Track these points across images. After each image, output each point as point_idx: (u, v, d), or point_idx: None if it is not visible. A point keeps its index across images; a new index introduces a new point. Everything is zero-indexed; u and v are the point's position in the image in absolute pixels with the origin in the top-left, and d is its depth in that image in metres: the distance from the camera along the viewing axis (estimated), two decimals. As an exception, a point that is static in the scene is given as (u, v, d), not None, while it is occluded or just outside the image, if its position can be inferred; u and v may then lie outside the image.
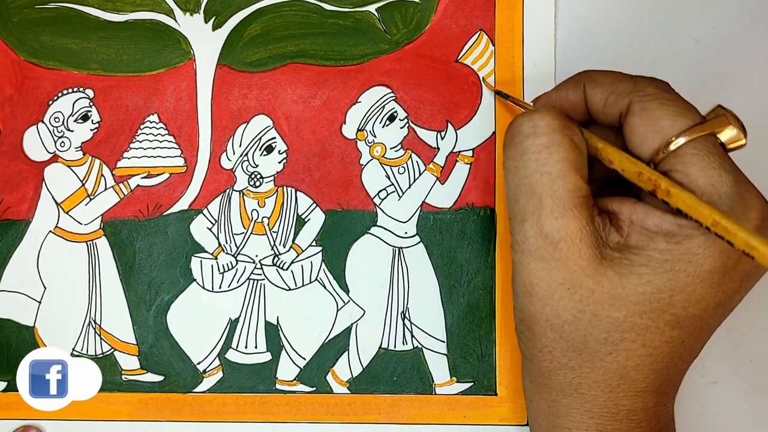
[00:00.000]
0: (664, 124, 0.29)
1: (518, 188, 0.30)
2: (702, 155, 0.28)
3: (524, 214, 0.30)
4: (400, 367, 0.39)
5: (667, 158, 0.29)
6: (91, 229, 0.40)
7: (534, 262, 0.30)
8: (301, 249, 0.39)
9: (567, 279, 0.29)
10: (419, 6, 0.40)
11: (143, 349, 0.39)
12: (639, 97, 0.29)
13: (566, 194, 0.29)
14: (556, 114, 0.30)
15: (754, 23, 0.40)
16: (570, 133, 0.30)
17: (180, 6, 0.40)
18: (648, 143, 0.29)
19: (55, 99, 0.40)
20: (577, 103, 0.32)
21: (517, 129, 0.31)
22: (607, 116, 0.31)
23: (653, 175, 0.29)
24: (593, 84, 0.31)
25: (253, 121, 0.40)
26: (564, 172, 0.29)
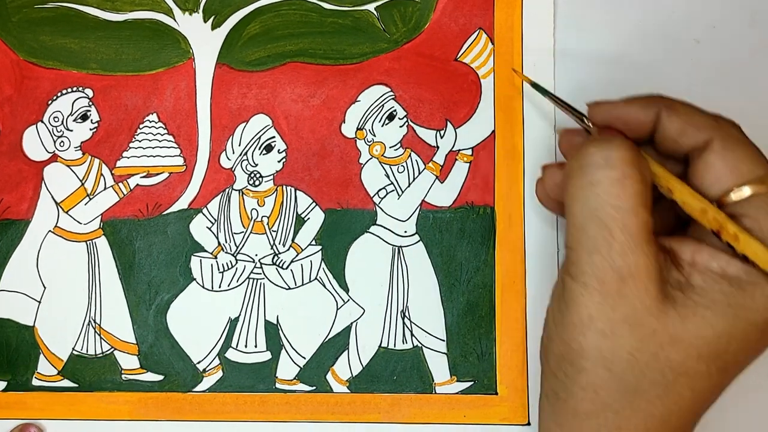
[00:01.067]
0: (744, 167, 0.29)
1: (587, 219, 0.29)
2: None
3: (594, 246, 0.29)
4: (400, 366, 0.39)
5: (738, 203, 0.29)
6: (90, 229, 0.40)
7: (598, 295, 0.29)
8: (301, 248, 0.39)
9: (630, 316, 0.28)
10: (418, 5, 0.40)
11: (143, 348, 0.39)
12: (721, 135, 0.29)
13: (638, 230, 0.28)
14: (629, 146, 0.29)
15: (754, 23, 0.40)
16: (641, 167, 0.29)
17: (179, 5, 0.40)
18: (722, 182, 0.29)
19: (54, 99, 0.40)
20: (643, 124, 0.31)
21: (589, 159, 0.29)
22: (679, 146, 0.31)
23: (720, 215, 0.29)
24: (672, 111, 0.31)
25: (252, 120, 0.40)
26: (636, 207, 0.28)
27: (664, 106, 0.31)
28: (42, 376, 0.39)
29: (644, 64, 0.40)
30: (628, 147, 0.29)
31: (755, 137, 0.39)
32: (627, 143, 0.30)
